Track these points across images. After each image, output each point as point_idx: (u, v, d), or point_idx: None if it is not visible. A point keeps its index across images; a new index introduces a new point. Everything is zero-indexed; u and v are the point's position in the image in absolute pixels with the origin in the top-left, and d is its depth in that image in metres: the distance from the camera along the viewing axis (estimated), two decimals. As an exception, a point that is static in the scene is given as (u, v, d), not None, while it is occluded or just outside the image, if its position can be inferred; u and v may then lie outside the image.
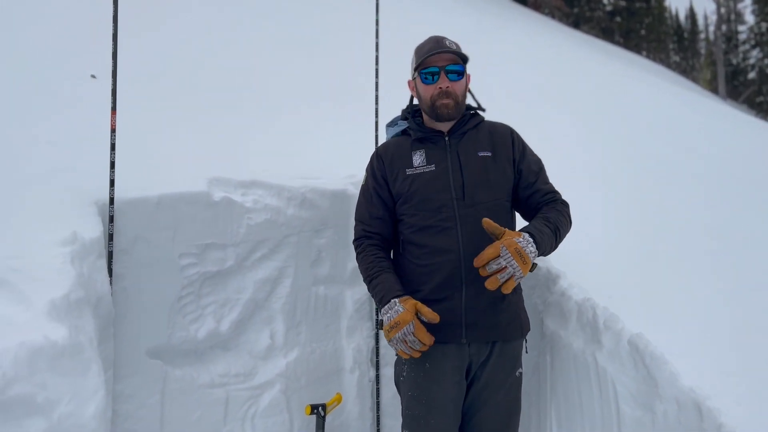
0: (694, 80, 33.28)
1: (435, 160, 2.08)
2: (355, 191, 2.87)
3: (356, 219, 2.19)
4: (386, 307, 1.94)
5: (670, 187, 4.26)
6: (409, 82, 2.22)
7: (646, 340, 2.03)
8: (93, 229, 2.10)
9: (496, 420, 2.05)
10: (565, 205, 2.12)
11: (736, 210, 3.89)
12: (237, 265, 2.60)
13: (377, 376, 2.90)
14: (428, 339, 1.87)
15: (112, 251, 2.20)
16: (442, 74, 2.06)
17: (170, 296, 2.39)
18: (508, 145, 2.15)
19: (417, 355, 1.91)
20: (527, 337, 2.16)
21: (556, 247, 2.02)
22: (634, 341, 2.06)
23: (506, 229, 1.87)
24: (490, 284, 1.79)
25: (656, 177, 4.43)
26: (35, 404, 1.53)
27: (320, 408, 2.53)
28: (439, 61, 2.06)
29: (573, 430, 2.29)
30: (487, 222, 1.85)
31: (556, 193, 2.15)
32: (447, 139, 2.12)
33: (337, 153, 3.39)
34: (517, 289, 2.14)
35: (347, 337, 2.90)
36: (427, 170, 2.07)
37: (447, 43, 2.09)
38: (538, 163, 2.19)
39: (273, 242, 2.70)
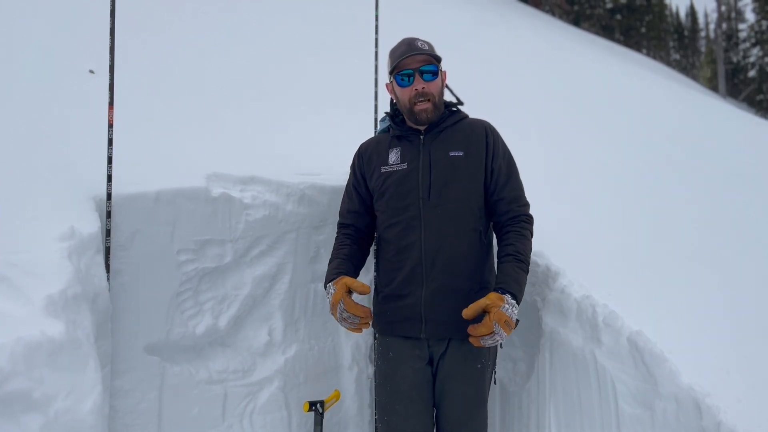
0: (694, 78, 33.27)
1: (408, 158, 2.15)
2: (354, 187, 2.90)
3: (339, 212, 2.35)
4: (326, 293, 2.07)
5: (670, 184, 4.26)
6: (387, 85, 2.28)
7: (646, 337, 2.02)
8: (91, 225, 2.09)
9: (459, 410, 2.09)
10: (529, 221, 2.14)
11: (737, 207, 3.89)
12: (235, 261, 2.59)
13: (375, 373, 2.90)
14: (360, 311, 1.99)
15: (109, 247, 2.19)
16: (417, 76, 2.11)
17: (168, 292, 2.38)
18: (482, 145, 2.15)
19: (359, 330, 2.05)
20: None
21: None
22: (633, 339, 2.05)
23: (489, 297, 1.87)
24: (475, 342, 1.88)
25: (656, 174, 4.43)
26: (32, 400, 1.53)
27: (318, 405, 2.52)
28: (413, 63, 2.11)
29: (572, 428, 2.28)
30: (469, 314, 1.87)
31: (522, 204, 2.15)
32: (422, 137, 2.16)
33: (335, 149, 3.37)
34: (485, 290, 2.11)
35: (346, 334, 2.90)
36: (399, 169, 2.15)
37: (419, 44, 2.13)
38: (510, 165, 2.18)
39: (271, 238, 2.69)
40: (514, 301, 1.88)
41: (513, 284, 1.92)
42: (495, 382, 2.25)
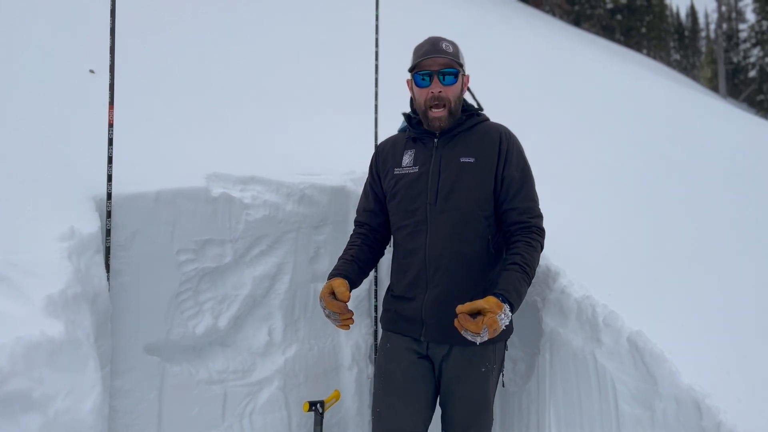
0: (695, 78, 33.29)
1: (420, 162, 2.13)
2: (354, 187, 2.93)
3: (356, 209, 2.35)
4: None
5: (671, 184, 4.26)
6: (407, 81, 2.21)
7: (646, 337, 2.02)
8: (91, 225, 2.09)
9: (463, 413, 2.08)
10: (540, 234, 2.04)
11: (736, 207, 3.89)
12: (235, 261, 2.59)
13: (376, 373, 2.90)
14: (336, 307, 1.97)
15: (109, 247, 2.19)
16: (436, 78, 2.05)
17: (168, 292, 2.38)
18: (494, 151, 2.08)
19: (344, 326, 2.02)
20: (508, 337, 2.16)
21: None
22: (633, 339, 2.05)
23: (488, 301, 1.76)
24: (457, 326, 1.76)
25: (657, 174, 4.43)
26: (32, 400, 1.53)
27: (318, 405, 2.52)
28: (433, 65, 2.05)
29: (572, 428, 2.28)
30: (464, 309, 1.75)
31: (534, 216, 2.05)
32: (436, 141, 2.12)
33: (335, 149, 3.38)
34: None
35: (345, 334, 2.90)
36: (411, 172, 2.13)
37: (443, 45, 2.07)
38: (525, 174, 2.10)
39: (271, 238, 2.69)
40: (510, 313, 1.82)
41: (514, 294, 1.84)
42: (504, 385, 2.24)
